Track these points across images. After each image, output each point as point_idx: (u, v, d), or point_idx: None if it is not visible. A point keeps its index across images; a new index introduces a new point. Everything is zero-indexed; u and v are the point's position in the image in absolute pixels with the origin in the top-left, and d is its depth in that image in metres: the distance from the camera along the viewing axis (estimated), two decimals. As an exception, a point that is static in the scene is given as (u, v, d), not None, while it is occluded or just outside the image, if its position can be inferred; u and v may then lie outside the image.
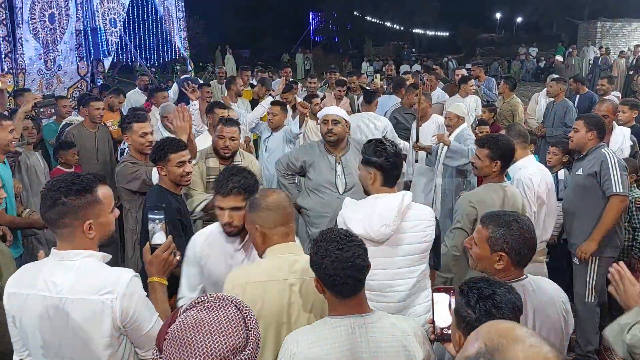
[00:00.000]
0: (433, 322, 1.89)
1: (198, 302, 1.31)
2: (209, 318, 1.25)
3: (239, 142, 3.99)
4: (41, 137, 5.73)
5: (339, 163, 4.02)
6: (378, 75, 8.30)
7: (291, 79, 8.57)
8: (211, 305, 1.29)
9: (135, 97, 8.09)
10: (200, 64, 20.32)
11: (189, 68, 14.17)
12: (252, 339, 1.28)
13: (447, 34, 38.55)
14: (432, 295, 1.92)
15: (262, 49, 31.89)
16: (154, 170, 3.39)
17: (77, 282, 1.82)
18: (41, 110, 5.87)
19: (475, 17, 36.75)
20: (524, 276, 2.18)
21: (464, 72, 8.87)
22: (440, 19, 37.23)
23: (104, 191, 1.92)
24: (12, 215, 3.87)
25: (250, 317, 1.31)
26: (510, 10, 37.45)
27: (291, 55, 28.45)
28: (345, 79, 8.04)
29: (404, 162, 3.08)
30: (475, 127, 5.89)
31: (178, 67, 15.90)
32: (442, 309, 1.88)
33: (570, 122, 6.31)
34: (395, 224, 2.57)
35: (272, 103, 5.42)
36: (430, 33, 39.00)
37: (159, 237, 2.10)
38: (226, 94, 7.21)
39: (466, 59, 25.12)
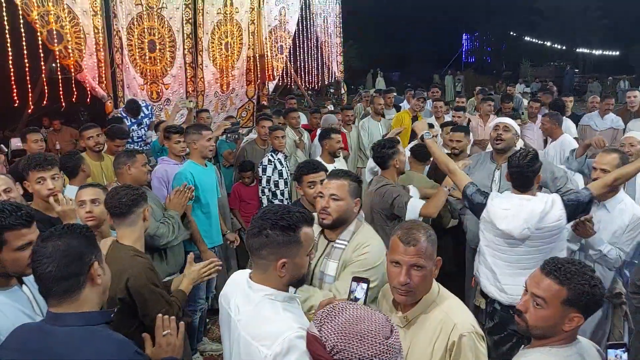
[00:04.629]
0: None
1: (328, 314, 1.51)
2: (355, 315, 1.47)
3: None
4: (216, 152, 6.51)
5: (498, 169, 4.15)
6: (525, 112, 7.46)
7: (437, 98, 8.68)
8: (343, 307, 1.51)
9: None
10: (352, 86, 21.09)
11: (342, 91, 14.86)
12: (389, 320, 1.51)
13: (617, 53, 35.20)
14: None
15: (411, 72, 32.09)
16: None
17: (250, 319, 1.80)
18: (228, 135, 6.57)
19: (652, 34, 33.09)
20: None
21: (636, 94, 8.09)
22: (609, 38, 34.15)
23: (306, 232, 1.88)
24: (197, 230, 4.11)
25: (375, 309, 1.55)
26: (696, 25, 33.07)
27: (441, 77, 28.25)
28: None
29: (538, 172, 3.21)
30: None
31: (332, 90, 16.73)
32: None
33: None
34: (535, 227, 3.00)
35: (454, 129, 5.20)
36: (596, 52, 35.96)
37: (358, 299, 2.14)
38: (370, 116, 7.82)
39: (639, 81, 22.69)
